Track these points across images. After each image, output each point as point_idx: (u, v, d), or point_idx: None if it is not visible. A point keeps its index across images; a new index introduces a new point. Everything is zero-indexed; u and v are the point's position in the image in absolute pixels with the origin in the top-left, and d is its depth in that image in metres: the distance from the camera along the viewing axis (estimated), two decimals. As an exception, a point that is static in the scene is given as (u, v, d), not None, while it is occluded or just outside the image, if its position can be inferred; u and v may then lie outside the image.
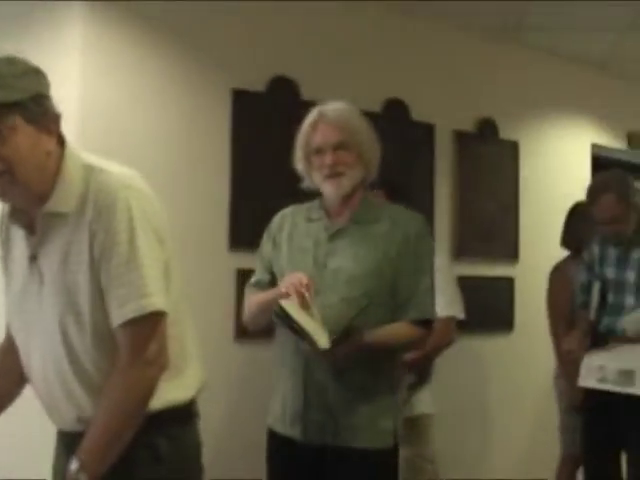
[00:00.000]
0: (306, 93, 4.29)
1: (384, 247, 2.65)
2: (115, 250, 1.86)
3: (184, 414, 2.05)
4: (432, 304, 2.71)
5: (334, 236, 2.71)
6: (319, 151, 2.71)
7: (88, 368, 1.94)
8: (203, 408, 2.15)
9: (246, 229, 4.03)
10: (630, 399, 3.58)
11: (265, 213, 4.06)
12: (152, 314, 1.88)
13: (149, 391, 1.90)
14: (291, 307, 2.46)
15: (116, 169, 1.97)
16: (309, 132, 2.73)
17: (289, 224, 2.83)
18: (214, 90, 4.04)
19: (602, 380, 3.68)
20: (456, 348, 4.02)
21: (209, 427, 2.18)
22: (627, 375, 3.59)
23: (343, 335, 2.47)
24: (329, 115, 2.71)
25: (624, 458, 3.88)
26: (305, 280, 2.50)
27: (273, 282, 2.79)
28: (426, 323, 2.69)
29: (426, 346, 3.05)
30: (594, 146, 6.09)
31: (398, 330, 2.66)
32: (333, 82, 4.42)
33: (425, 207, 4.43)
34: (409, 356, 3.30)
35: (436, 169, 4.91)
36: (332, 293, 2.61)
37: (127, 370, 1.88)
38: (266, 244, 2.88)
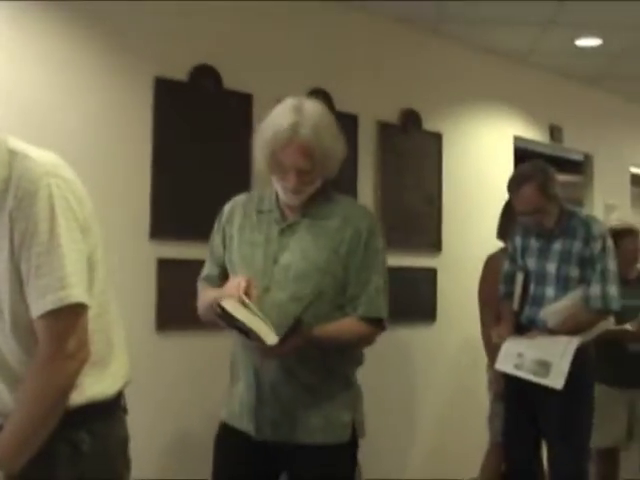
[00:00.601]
0: (228, 82, 4.33)
1: (335, 243, 2.63)
2: (35, 239, 1.83)
3: (109, 409, 2.03)
4: (383, 302, 2.69)
5: (285, 231, 2.68)
6: (284, 168, 2.60)
7: (9, 360, 1.92)
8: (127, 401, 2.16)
9: (168, 218, 4.07)
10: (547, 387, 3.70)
11: (187, 202, 4.14)
12: (72, 306, 1.85)
13: (68, 385, 1.88)
14: (232, 306, 2.43)
15: (41, 155, 1.93)
16: (277, 148, 2.57)
17: (240, 215, 2.77)
18: (136, 78, 4.05)
19: (518, 367, 3.79)
20: (379, 339, 4.11)
21: (134, 420, 2.19)
22: (543, 366, 3.71)
23: (291, 330, 2.44)
24: (303, 135, 2.53)
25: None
26: (244, 283, 2.47)
27: (224, 276, 2.75)
28: (377, 321, 2.68)
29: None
30: (517, 138, 6.26)
31: (347, 326, 2.65)
32: (256, 71, 4.47)
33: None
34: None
35: (359, 160, 4.98)
36: (281, 290, 2.59)
37: (46, 363, 1.85)
38: (216, 236, 2.82)
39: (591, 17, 5.27)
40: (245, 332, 2.44)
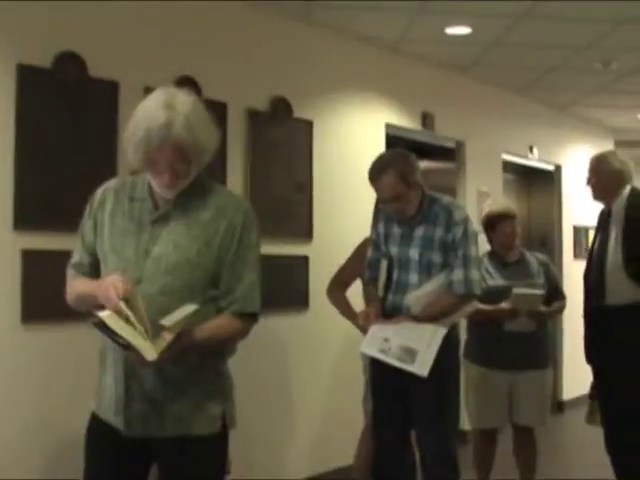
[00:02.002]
0: (94, 69, 4.39)
1: (207, 235, 2.66)
2: None
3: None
4: (257, 296, 2.74)
5: (158, 221, 2.69)
6: (158, 167, 2.60)
7: None
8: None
9: (32, 209, 4.12)
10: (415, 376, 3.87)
11: (52, 192, 4.19)
12: None
13: None
14: (111, 319, 2.42)
15: None
16: (151, 147, 2.55)
17: (112, 201, 2.77)
18: (-2, 65, 4.05)
19: (384, 351, 3.94)
20: (252, 329, 4.23)
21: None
22: (409, 353, 3.88)
23: (170, 344, 2.45)
24: (176, 133, 2.53)
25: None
26: (121, 288, 2.47)
27: (94, 264, 2.77)
28: (251, 315, 2.74)
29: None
30: (389, 126, 6.51)
31: (224, 324, 2.69)
32: (122, 59, 4.54)
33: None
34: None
35: (228, 148, 5.08)
36: (151, 283, 2.61)
37: None
38: (87, 221, 2.81)
39: (460, 5, 5.51)
40: (124, 345, 2.44)
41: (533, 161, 8.72)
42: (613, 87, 7.89)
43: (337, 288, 4.76)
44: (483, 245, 5.28)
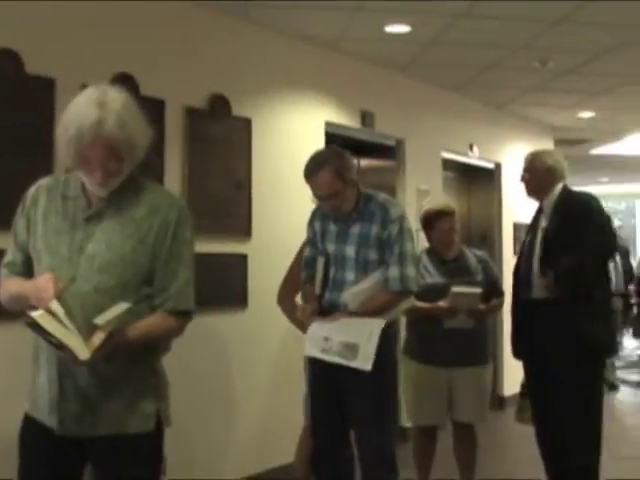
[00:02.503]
0: (30, 66, 4.38)
1: (141, 233, 2.68)
2: None
3: None
4: (191, 294, 2.77)
5: (91, 219, 2.70)
6: (90, 165, 2.62)
7: None
8: None
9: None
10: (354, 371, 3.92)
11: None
12: None
13: None
14: (44, 319, 2.43)
15: None
16: (82, 146, 2.57)
17: (45, 199, 2.77)
18: None
19: (326, 351, 3.99)
20: (191, 326, 4.26)
21: None
22: (351, 349, 3.93)
23: (103, 343, 2.47)
24: (108, 131, 2.54)
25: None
26: (52, 288, 2.50)
27: (27, 262, 2.78)
28: (185, 312, 2.77)
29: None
30: (328, 124, 6.58)
31: (157, 322, 2.71)
32: (59, 56, 4.53)
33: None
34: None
35: (166, 146, 5.11)
36: (86, 281, 2.62)
37: None
38: (20, 220, 2.81)
39: (399, 4, 5.59)
40: (57, 345, 2.46)
41: (473, 159, 8.86)
42: (551, 86, 8.06)
43: (287, 296, 4.84)
44: (421, 242, 5.39)
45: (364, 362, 3.87)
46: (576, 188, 5.10)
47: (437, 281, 5.08)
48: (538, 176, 5.01)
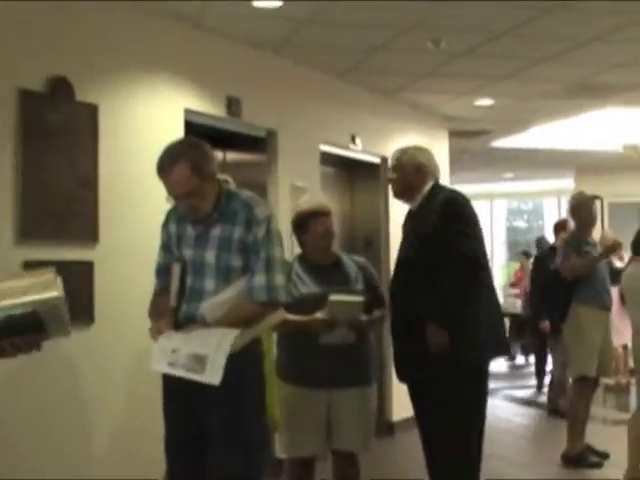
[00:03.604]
0: None
1: None
2: None
3: None
4: None
5: None
6: None
7: None
8: None
9: None
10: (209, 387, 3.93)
11: None
12: None
13: None
14: None
15: None
16: None
17: None
18: None
19: (173, 364, 4.01)
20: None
21: None
22: (199, 361, 3.94)
23: None
24: None
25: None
26: None
27: None
28: None
29: None
30: (188, 112, 6.61)
31: None
32: None
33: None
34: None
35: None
36: None
37: None
38: None
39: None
40: None
41: (356, 152, 9.01)
42: (444, 70, 8.27)
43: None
44: (294, 248, 5.46)
45: (212, 375, 3.89)
46: (463, 186, 5.29)
47: (312, 291, 5.13)
48: (406, 176, 5.18)
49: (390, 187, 5.27)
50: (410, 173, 5.16)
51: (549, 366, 11.61)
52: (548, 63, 8.04)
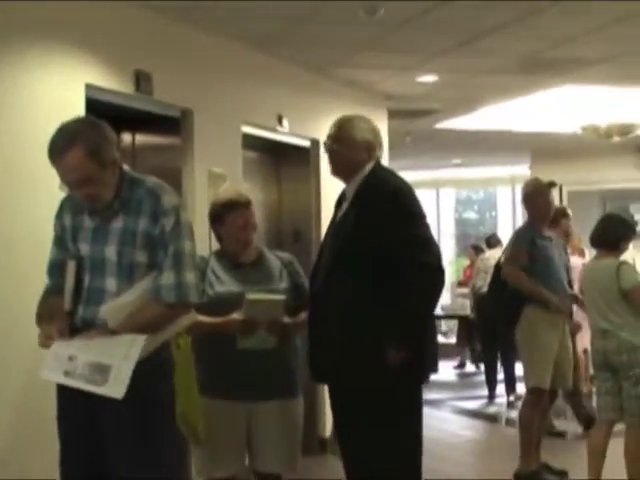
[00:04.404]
0: None
1: None
2: None
3: None
4: None
5: None
6: None
7: None
8: None
9: None
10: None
11: None
12: None
13: None
14: None
15: None
16: None
17: None
18: None
19: (69, 374, 3.95)
20: None
21: None
22: (101, 371, 3.90)
23: None
24: None
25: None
26: None
27: None
28: None
29: None
30: (90, 88, 6.50)
31: None
32: None
33: None
34: None
35: None
36: None
37: None
38: None
39: None
40: None
41: (283, 135, 9.01)
42: (382, 42, 8.28)
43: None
44: (212, 243, 5.42)
45: (116, 388, 3.85)
46: (405, 173, 5.27)
47: (230, 289, 5.13)
48: (350, 150, 5.12)
49: (328, 160, 5.19)
50: (355, 147, 5.11)
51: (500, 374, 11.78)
52: (496, 34, 8.01)
